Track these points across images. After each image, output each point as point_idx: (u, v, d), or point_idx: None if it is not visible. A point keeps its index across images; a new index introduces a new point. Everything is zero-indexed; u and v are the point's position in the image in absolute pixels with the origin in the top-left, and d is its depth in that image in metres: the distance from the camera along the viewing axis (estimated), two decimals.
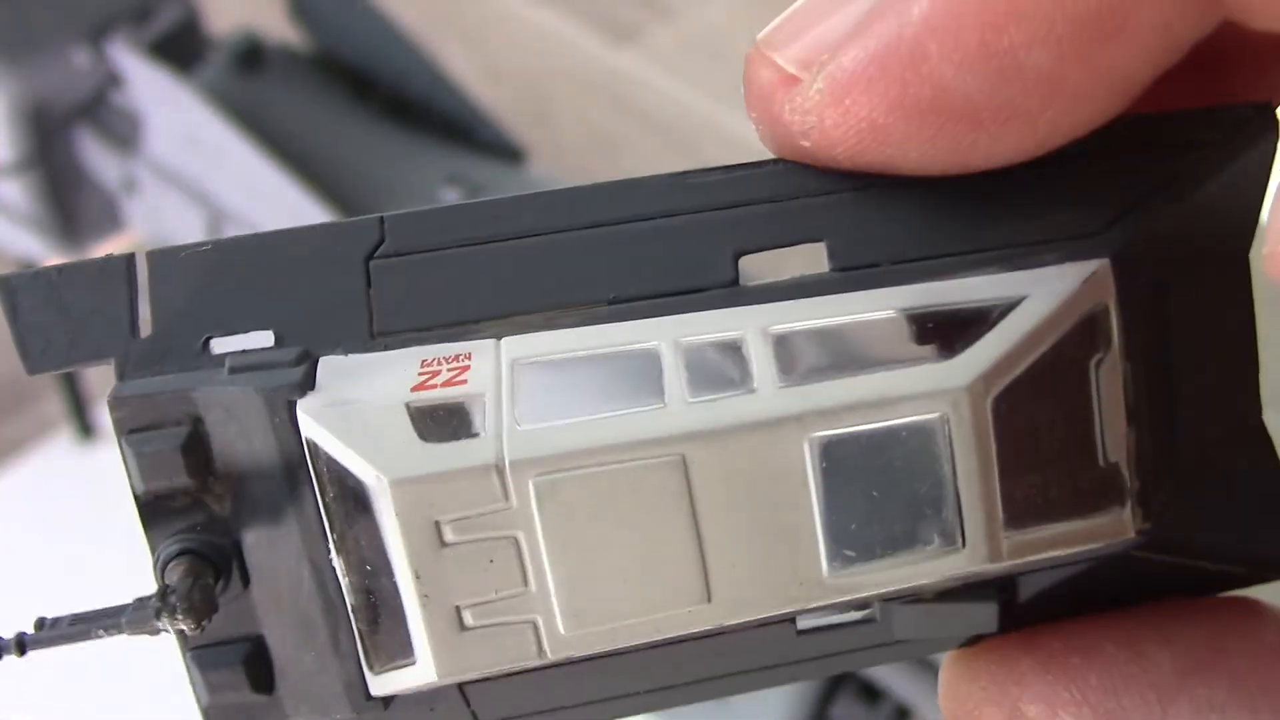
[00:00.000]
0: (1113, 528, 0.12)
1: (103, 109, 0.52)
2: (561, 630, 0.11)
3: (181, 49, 0.53)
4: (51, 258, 0.57)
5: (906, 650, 0.13)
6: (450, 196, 0.41)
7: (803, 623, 0.12)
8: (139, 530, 0.13)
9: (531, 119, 1.23)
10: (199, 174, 0.42)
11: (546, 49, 1.34)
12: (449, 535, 0.11)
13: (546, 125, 1.22)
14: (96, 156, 0.52)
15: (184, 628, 0.12)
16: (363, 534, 0.11)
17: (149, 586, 0.13)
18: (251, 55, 0.45)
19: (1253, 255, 0.13)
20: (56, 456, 0.82)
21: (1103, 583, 0.13)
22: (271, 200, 0.41)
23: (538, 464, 0.11)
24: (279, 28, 0.48)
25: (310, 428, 0.11)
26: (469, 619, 0.11)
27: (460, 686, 0.12)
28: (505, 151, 0.45)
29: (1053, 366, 0.12)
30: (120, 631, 0.12)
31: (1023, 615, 0.13)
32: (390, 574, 0.11)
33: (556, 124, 1.23)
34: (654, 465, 0.11)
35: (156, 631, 0.12)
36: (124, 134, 0.51)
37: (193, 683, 0.12)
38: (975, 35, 0.11)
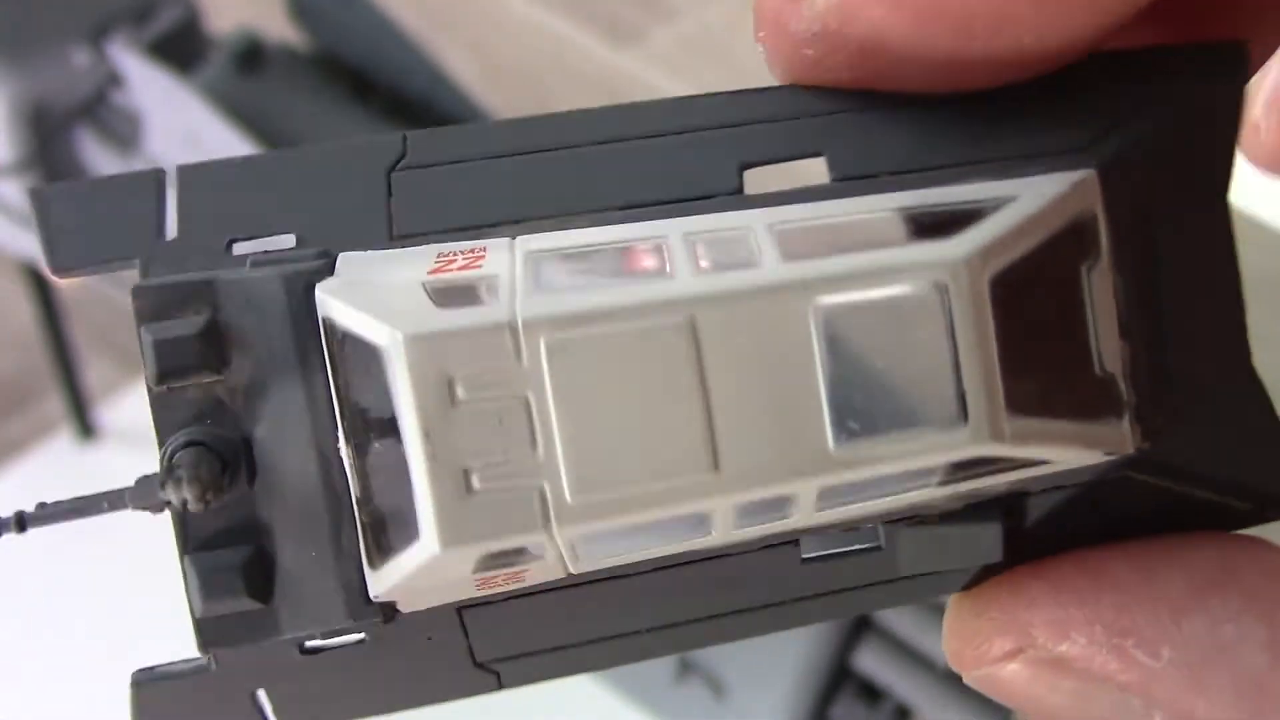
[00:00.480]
0: (1112, 438, 0.12)
1: (103, 109, 0.52)
2: (568, 497, 0.11)
3: (181, 49, 0.53)
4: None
5: (913, 590, 0.12)
6: None
7: (807, 549, 0.12)
8: (139, 531, 0.13)
9: None
10: None
11: (546, 49, 1.34)
12: (460, 393, 0.11)
13: None
14: (96, 156, 0.52)
15: (188, 497, 0.12)
16: (373, 410, 0.11)
17: (149, 587, 0.13)
18: (251, 55, 0.45)
19: (1233, 199, 0.13)
20: (56, 456, 0.82)
21: (1106, 510, 0.13)
22: None
23: (550, 323, 0.11)
24: (279, 28, 0.48)
25: (327, 304, 0.12)
26: (476, 482, 0.11)
27: (459, 612, 0.12)
28: None
29: (1046, 264, 0.12)
30: (124, 506, 0.13)
31: (1027, 545, 0.13)
32: (398, 449, 0.11)
33: None
34: (663, 327, 0.11)
35: (161, 507, 0.13)
36: (124, 134, 0.51)
37: (188, 589, 0.12)
38: None
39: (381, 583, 0.11)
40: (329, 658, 0.12)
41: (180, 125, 0.42)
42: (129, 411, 0.84)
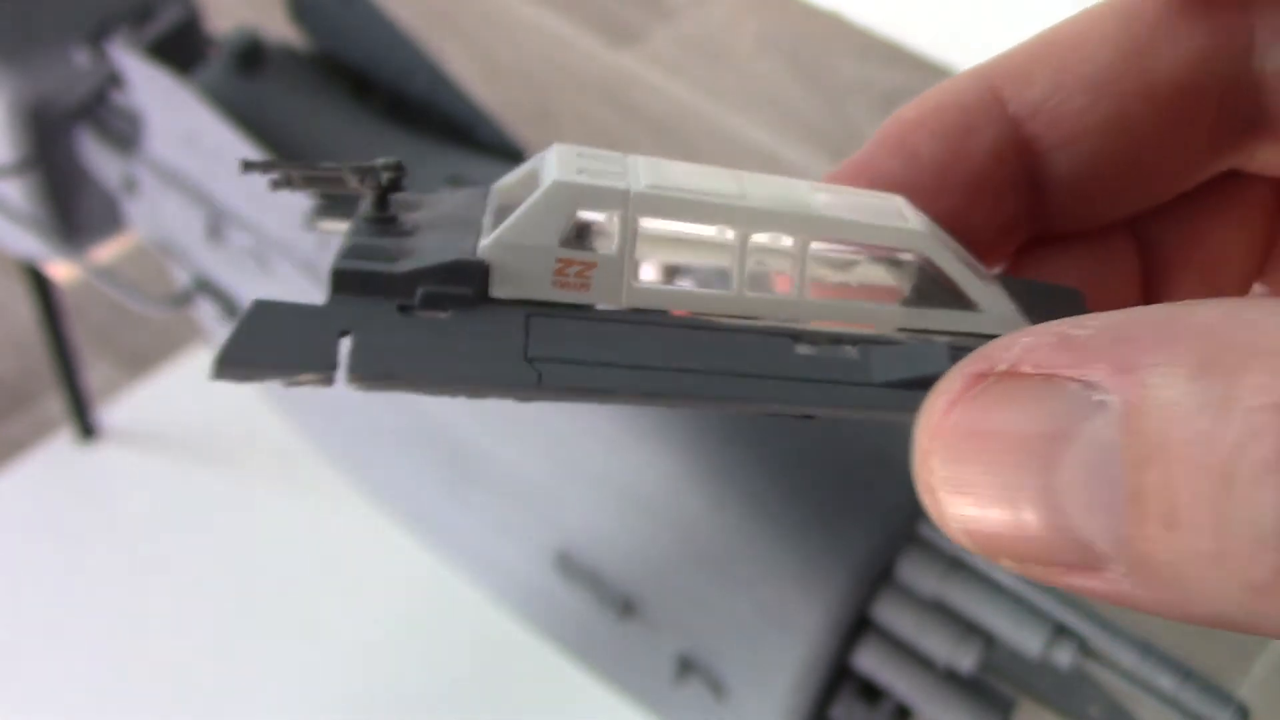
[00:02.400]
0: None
1: (103, 109, 0.52)
2: (643, 188, 0.14)
3: (181, 49, 0.53)
4: (51, 258, 0.57)
5: (880, 398, 0.14)
6: None
7: (800, 349, 0.14)
8: (138, 532, 0.13)
9: (531, 119, 1.23)
10: (199, 174, 0.42)
11: (546, 49, 1.34)
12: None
13: (546, 125, 1.22)
14: (96, 156, 0.52)
15: (383, 180, 0.14)
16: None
17: (148, 586, 0.13)
18: (251, 55, 0.45)
19: None
20: (56, 456, 0.82)
21: None
22: (271, 200, 0.41)
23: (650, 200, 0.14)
24: (279, 28, 0.48)
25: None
26: (583, 171, 0.14)
27: (527, 318, 0.14)
28: (505, 151, 0.45)
29: None
30: (339, 183, 0.14)
31: None
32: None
33: (556, 124, 1.22)
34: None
35: (348, 188, 0.15)
36: (124, 134, 0.51)
37: (341, 245, 0.14)
38: None
39: (491, 240, 0.14)
40: (414, 323, 0.14)
41: (180, 125, 0.42)
42: (129, 411, 0.84)
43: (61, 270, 0.61)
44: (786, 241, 0.14)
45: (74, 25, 0.50)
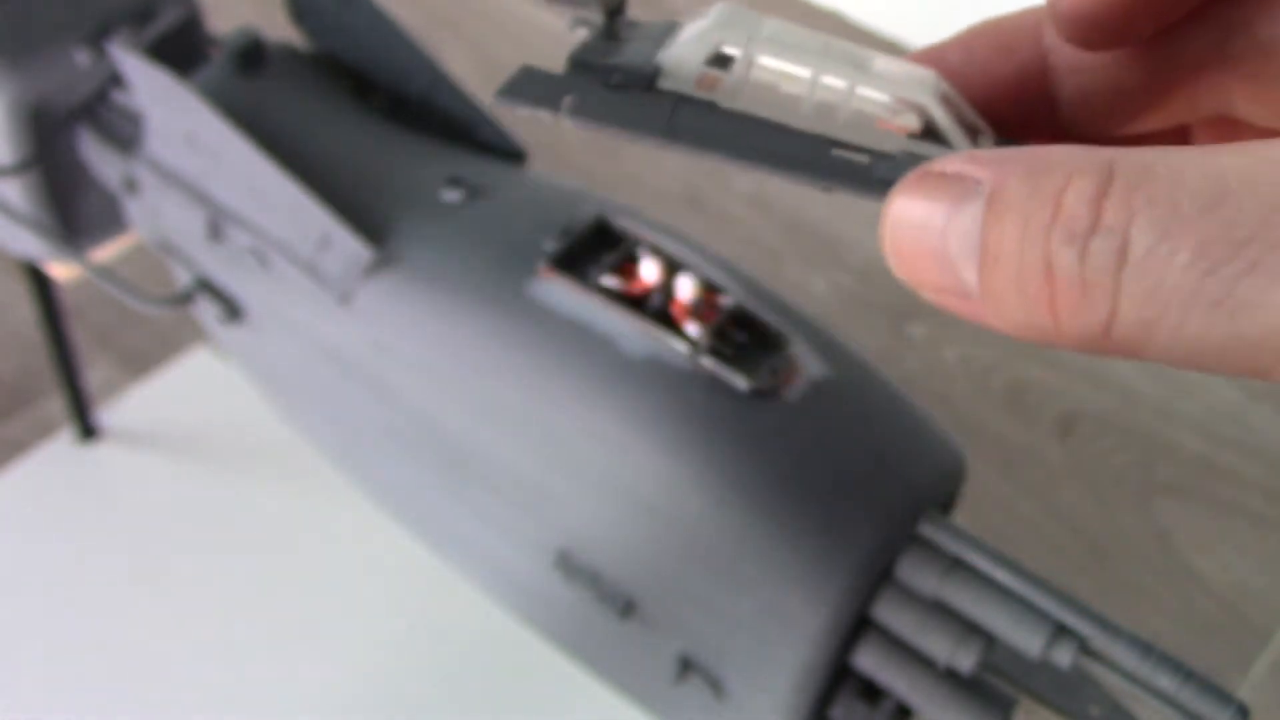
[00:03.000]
0: None
1: (103, 109, 0.52)
2: (763, 34, 0.21)
3: (182, 49, 0.53)
4: (51, 258, 0.57)
5: (871, 188, 0.20)
6: (451, 197, 0.41)
7: (835, 152, 0.20)
8: (138, 532, 0.13)
9: (530, 119, 1.23)
10: (199, 174, 0.42)
11: (546, 49, 1.33)
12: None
13: (547, 125, 1.22)
14: (96, 156, 0.52)
15: (612, 5, 0.22)
16: None
17: (148, 586, 0.13)
18: (251, 55, 0.45)
19: None
20: (56, 456, 0.82)
21: None
22: (271, 200, 0.41)
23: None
24: (279, 28, 0.48)
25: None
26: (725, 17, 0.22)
27: (675, 101, 0.21)
28: (505, 151, 0.45)
29: None
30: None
31: None
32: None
33: (556, 123, 1.22)
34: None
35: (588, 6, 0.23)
36: (124, 134, 0.51)
37: (580, 42, 0.22)
38: None
39: (666, 53, 0.21)
40: (610, 94, 0.22)
41: (180, 125, 0.42)
42: (129, 412, 0.84)
43: (61, 270, 0.61)
44: (840, 84, 0.21)
45: (74, 25, 0.50)
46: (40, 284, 0.71)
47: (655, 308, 0.35)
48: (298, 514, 0.67)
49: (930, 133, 0.21)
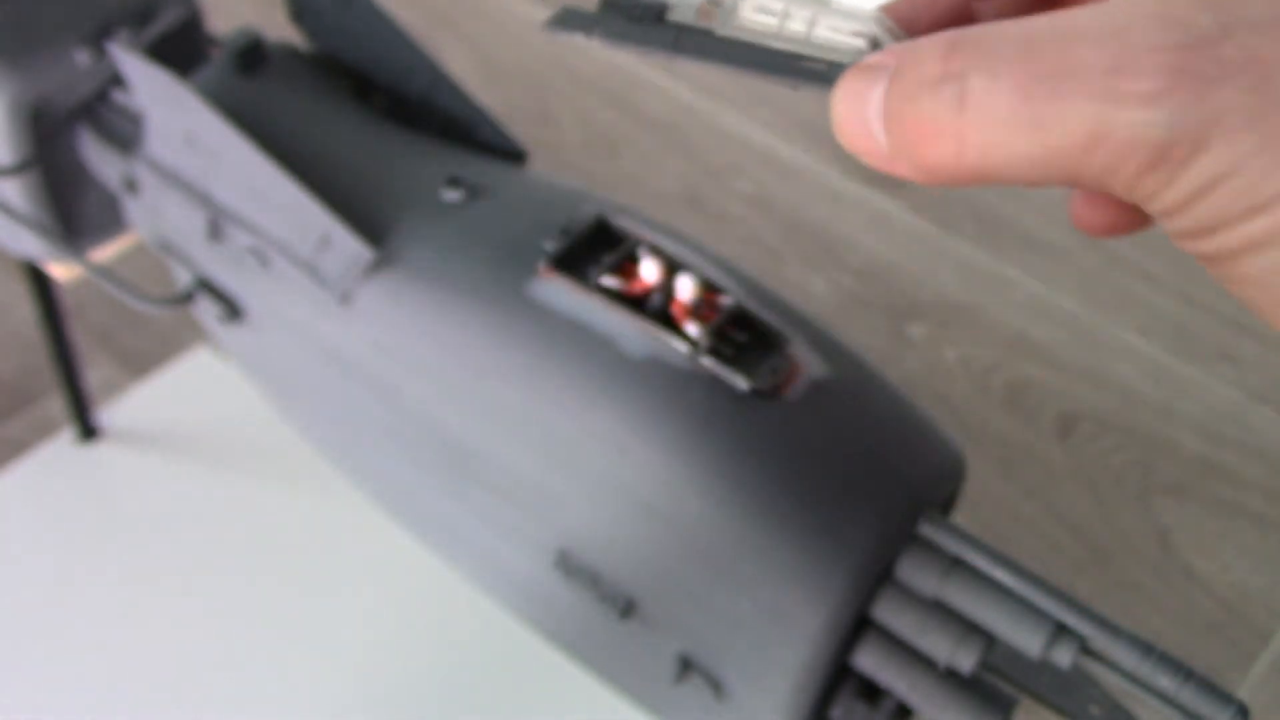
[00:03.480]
0: None
1: (103, 109, 0.52)
2: None
3: (182, 49, 0.53)
4: (51, 258, 0.57)
5: (826, 81, 0.25)
6: (451, 197, 0.41)
7: (803, 62, 0.26)
8: (138, 532, 0.13)
9: (531, 119, 1.23)
10: (199, 174, 0.42)
11: (546, 49, 1.34)
12: None
13: (546, 125, 1.22)
14: (97, 156, 0.52)
15: None
16: None
17: (148, 586, 0.13)
18: (251, 55, 0.45)
19: None
20: (57, 456, 0.82)
21: None
22: (271, 200, 0.41)
23: None
24: (279, 28, 0.48)
25: None
26: None
27: (676, 35, 0.27)
28: (505, 151, 0.45)
29: None
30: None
31: None
32: None
33: (556, 124, 1.22)
34: None
35: None
36: (124, 134, 0.51)
37: None
38: None
39: None
40: (629, 25, 0.28)
41: (180, 125, 0.42)
42: (129, 412, 0.84)
43: (61, 270, 0.61)
44: (807, 14, 0.26)
45: (75, 25, 0.50)
46: (40, 284, 0.71)
47: (655, 308, 0.35)
48: (298, 514, 0.67)
49: (875, 48, 0.26)
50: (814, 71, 0.26)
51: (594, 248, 0.37)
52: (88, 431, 0.82)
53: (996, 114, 0.20)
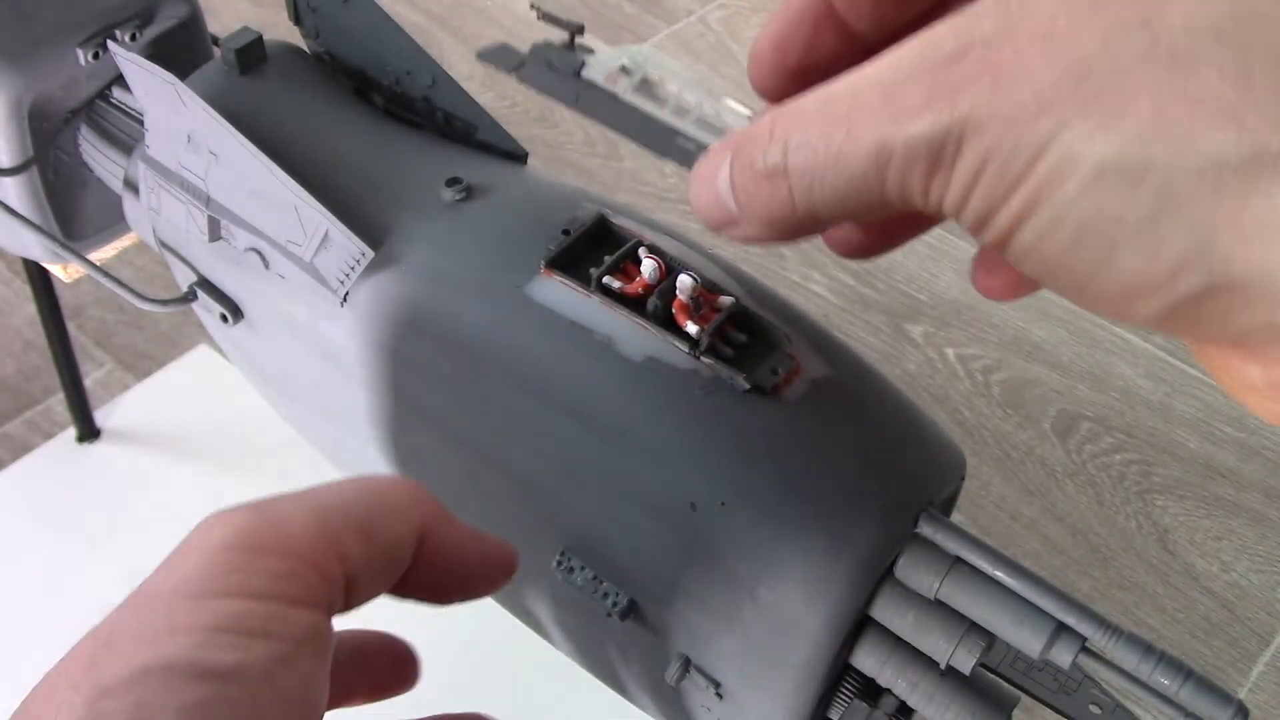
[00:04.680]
0: None
1: (103, 109, 0.52)
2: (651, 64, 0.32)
3: (182, 49, 0.53)
4: (51, 258, 0.57)
5: (691, 164, 0.28)
6: (451, 197, 0.41)
7: (678, 140, 0.32)
8: (138, 531, 0.13)
9: (531, 119, 1.23)
10: (199, 174, 0.42)
11: None
12: None
13: (546, 125, 1.22)
14: (97, 156, 0.52)
15: (572, 29, 0.32)
16: None
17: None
18: (252, 54, 0.45)
19: None
20: (57, 456, 0.82)
21: None
22: (271, 200, 0.41)
23: None
24: (279, 28, 0.48)
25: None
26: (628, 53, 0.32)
27: (586, 86, 0.32)
28: (505, 152, 0.45)
29: None
30: None
31: None
32: None
33: (556, 124, 1.22)
34: None
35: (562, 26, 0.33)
36: (124, 134, 0.51)
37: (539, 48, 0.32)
38: None
39: (590, 62, 0.32)
40: (551, 70, 0.32)
41: (180, 125, 0.42)
42: (129, 412, 0.84)
43: (62, 270, 0.61)
44: (692, 99, 0.31)
45: (75, 25, 0.50)
46: (41, 284, 0.71)
47: (655, 308, 0.35)
48: None
49: None
50: (684, 150, 0.31)
51: (594, 248, 0.37)
52: (89, 431, 0.82)
53: (811, 160, 0.24)
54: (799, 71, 0.32)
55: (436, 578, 0.29)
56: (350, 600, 0.27)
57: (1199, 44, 0.20)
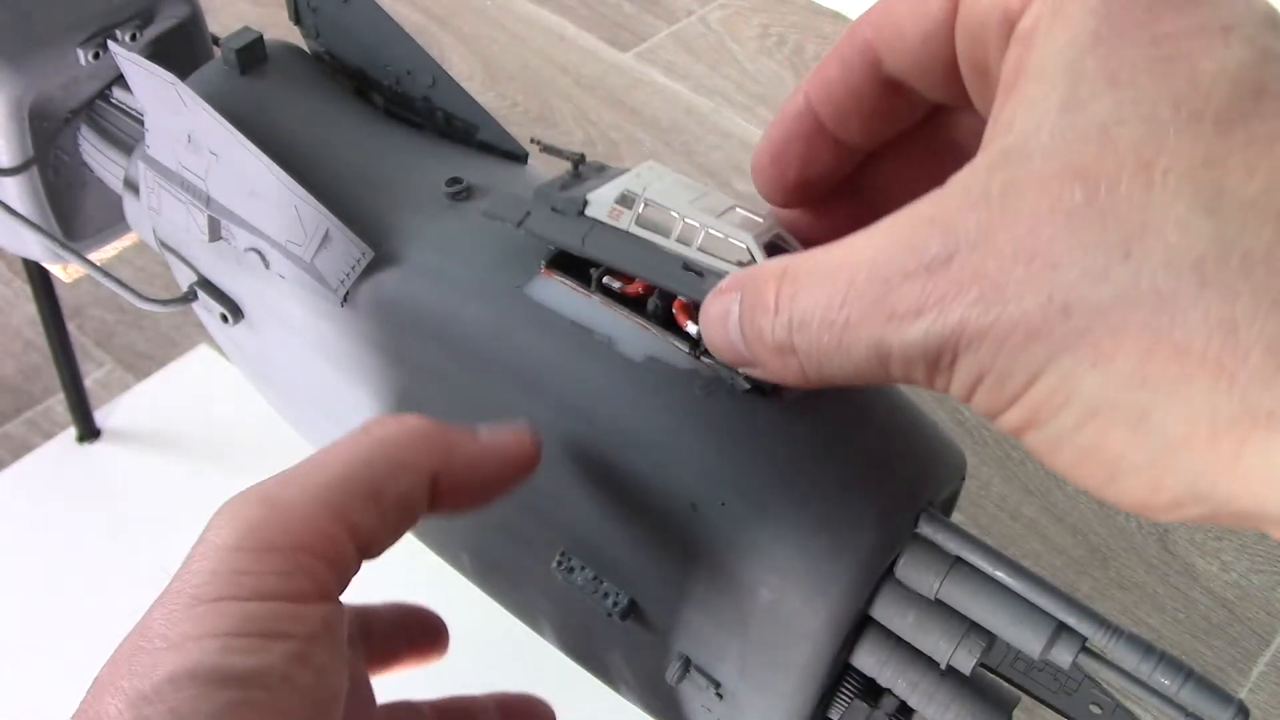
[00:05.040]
0: None
1: (103, 109, 0.52)
2: (648, 193, 0.33)
3: (182, 49, 0.53)
4: (52, 258, 0.57)
5: (700, 294, 0.31)
6: (451, 197, 0.41)
7: (682, 268, 0.33)
8: (138, 531, 0.13)
9: (531, 119, 1.23)
10: (199, 174, 0.42)
11: (547, 49, 1.33)
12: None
13: (546, 125, 1.22)
14: (97, 156, 0.52)
15: (577, 160, 0.36)
16: None
17: (148, 586, 0.13)
18: (252, 54, 0.45)
19: None
20: (57, 456, 0.82)
21: None
22: (271, 200, 0.41)
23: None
24: (279, 28, 0.48)
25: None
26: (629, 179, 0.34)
27: (593, 225, 0.34)
28: (505, 152, 0.45)
29: None
30: None
31: None
32: None
33: (557, 124, 1.22)
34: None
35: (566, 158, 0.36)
36: (124, 134, 0.51)
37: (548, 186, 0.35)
38: None
39: (589, 195, 0.34)
40: (555, 215, 0.35)
41: (180, 125, 0.42)
42: (129, 412, 0.84)
43: (62, 270, 0.61)
44: (697, 222, 0.32)
45: (75, 25, 0.50)
46: (41, 284, 0.71)
47: (655, 308, 0.35)
48: None
49: (751, 261, 0.31)
50: (693, 282, 0.31)
51: None
52: (89, 430, 0.82)
53: (815, 346, 0.24)
54: (799, 183, 0.32)
55: (456, 502, 0.31)
56: (367, 555, 0.29)
57: (1182, 286, 0.19)
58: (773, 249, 0.31)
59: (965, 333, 0.21)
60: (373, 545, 0.29)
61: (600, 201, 0.33)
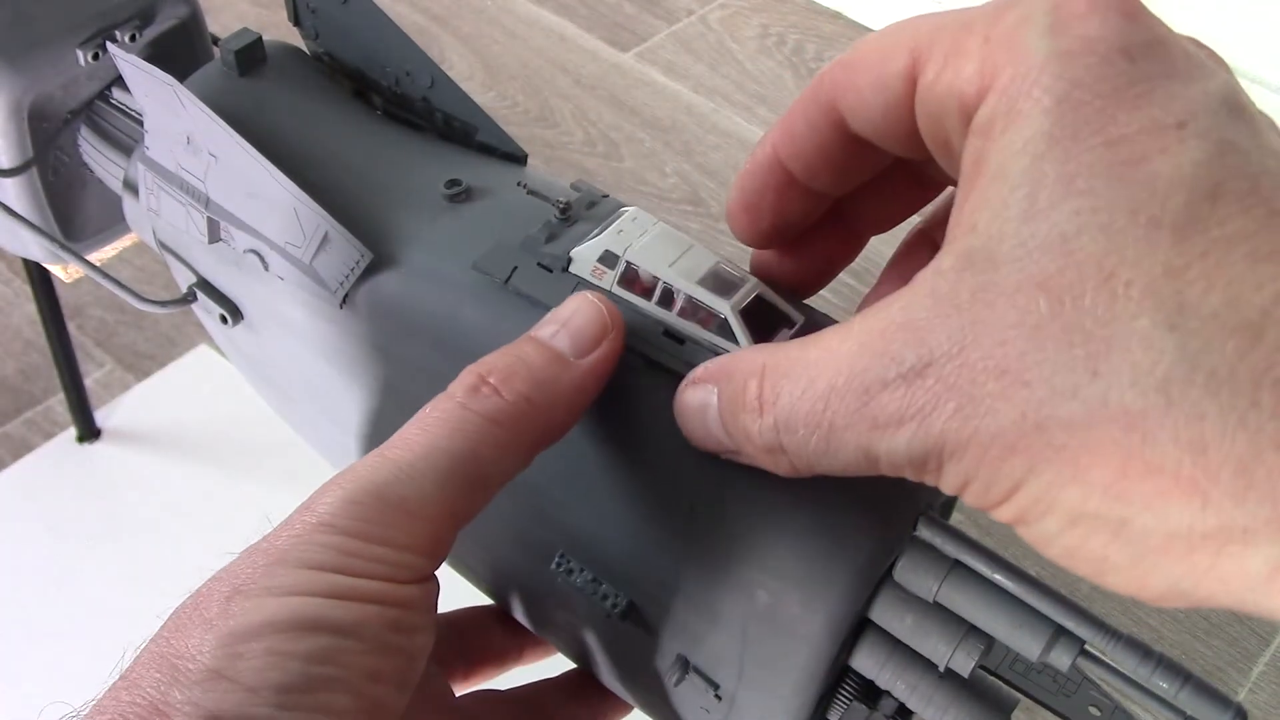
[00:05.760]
0: None
1: (103, 109, 0.52)
2: (634, 248, 0.34)
3: (182, 49, 0.53)
4: (52, 258, 0.57)
5: (681, 369, 0.32)
6: (451, 198, 0.41)
7: (662, 335, 0.34)
8: (138, 531, 0.13)
9: (531, 119, 1.23)
10: (199, 174, 0.42)
11: (547, 49, 1.33)
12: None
13: (546, 125, 1.22)
14: (96, 156, 0.52)
15: (564, 204, 0.37)
16: None
17: (148, 585, 0.13)
18: (251, 55, 0.45)
19: None
20: (57, 456, 0.82)
21: None
22: (270, 201, 0.41)
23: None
24: (279, 28, 0.48)
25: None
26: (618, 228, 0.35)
27: (579, 282, 0.34)
28: (505, 153, 0.45)
29: None
30: None
31: None
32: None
33: (556, 124, 1.22)
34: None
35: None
36: (124, 134, 0.51)
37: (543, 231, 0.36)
38: None
39: (576, 248, 0.35)
40: (540, 270, 0.35)
41: (180, 125, 0.42)
42: (129, 412, 0.84)
43: (62, 270, 0.61)
44: (679, 284, 0.32)
45: (75, 26, 0.50)
46: (41, 284, 0.71)
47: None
48: None
49: (726, 334, 0.32)
50: (670, 349, 0.32)
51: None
52: (89, 430, 0.82)
53: (804, 450, 0.25)
54: (773, 230, 0.33)
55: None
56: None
57: (1150, 406, 0.19)
58: (751, 313, 0.32)
59: (947, 444, 0.22)
60: (470, 521, 0.30)
61: (584, 259, 0.34)
